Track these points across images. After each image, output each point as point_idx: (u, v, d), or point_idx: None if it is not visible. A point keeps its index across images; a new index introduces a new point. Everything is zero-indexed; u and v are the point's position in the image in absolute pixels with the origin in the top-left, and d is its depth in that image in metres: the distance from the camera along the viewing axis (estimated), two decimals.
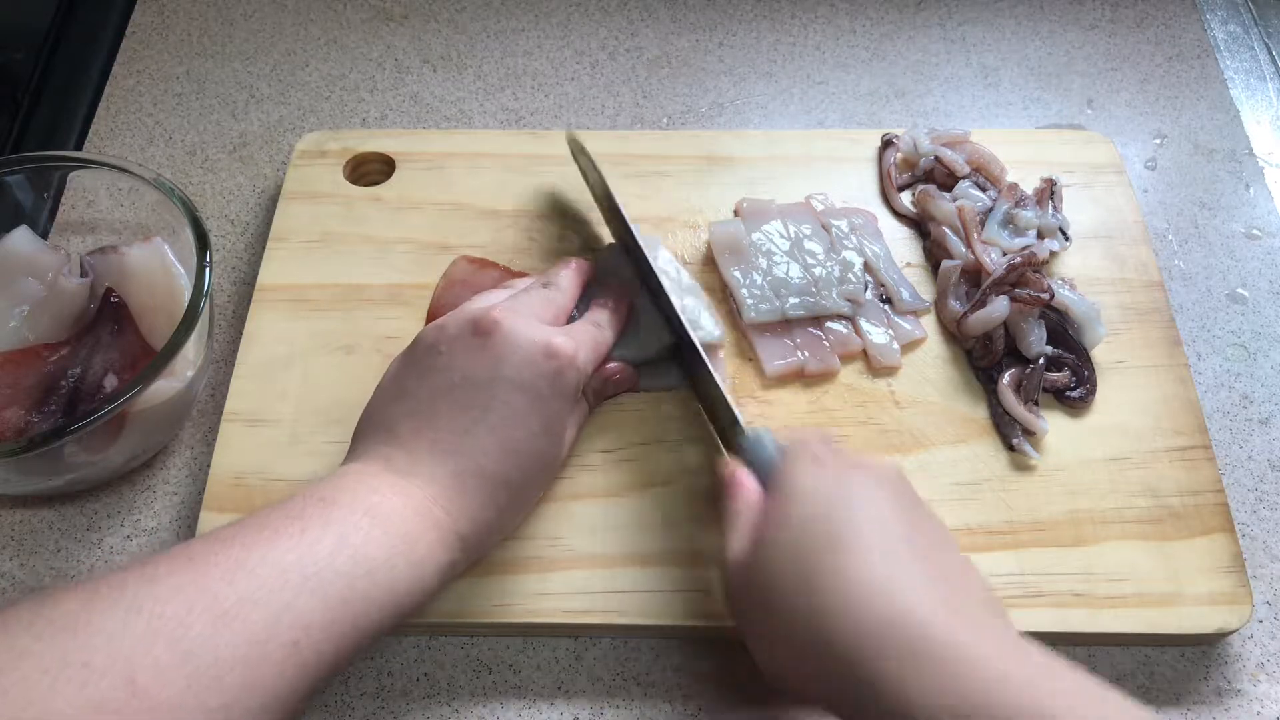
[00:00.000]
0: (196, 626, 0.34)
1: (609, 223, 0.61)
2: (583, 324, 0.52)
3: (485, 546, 0.47)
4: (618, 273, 0.57)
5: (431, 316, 0.60)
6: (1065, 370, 0.57)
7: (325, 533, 0.40)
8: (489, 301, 0.50)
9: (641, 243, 0.55)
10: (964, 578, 0.41)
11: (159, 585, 0.35)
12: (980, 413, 0.57)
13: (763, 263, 0.60)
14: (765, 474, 0.46)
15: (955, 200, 0.62)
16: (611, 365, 0.54)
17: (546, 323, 0.50)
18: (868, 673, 0.36)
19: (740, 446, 0.48)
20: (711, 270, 0.61)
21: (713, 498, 0.48)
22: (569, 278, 0.54)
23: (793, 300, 0.59)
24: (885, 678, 0.36)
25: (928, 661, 0.36)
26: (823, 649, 0.38)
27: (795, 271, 0.60)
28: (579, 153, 0.61)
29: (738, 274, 0.60)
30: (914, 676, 0.35)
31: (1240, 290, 0.65)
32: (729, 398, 0.50)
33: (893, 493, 0.43)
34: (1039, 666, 0.36)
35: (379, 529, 0.41)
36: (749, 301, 0.59)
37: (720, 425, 0.52)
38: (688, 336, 0.52)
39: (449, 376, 0.47)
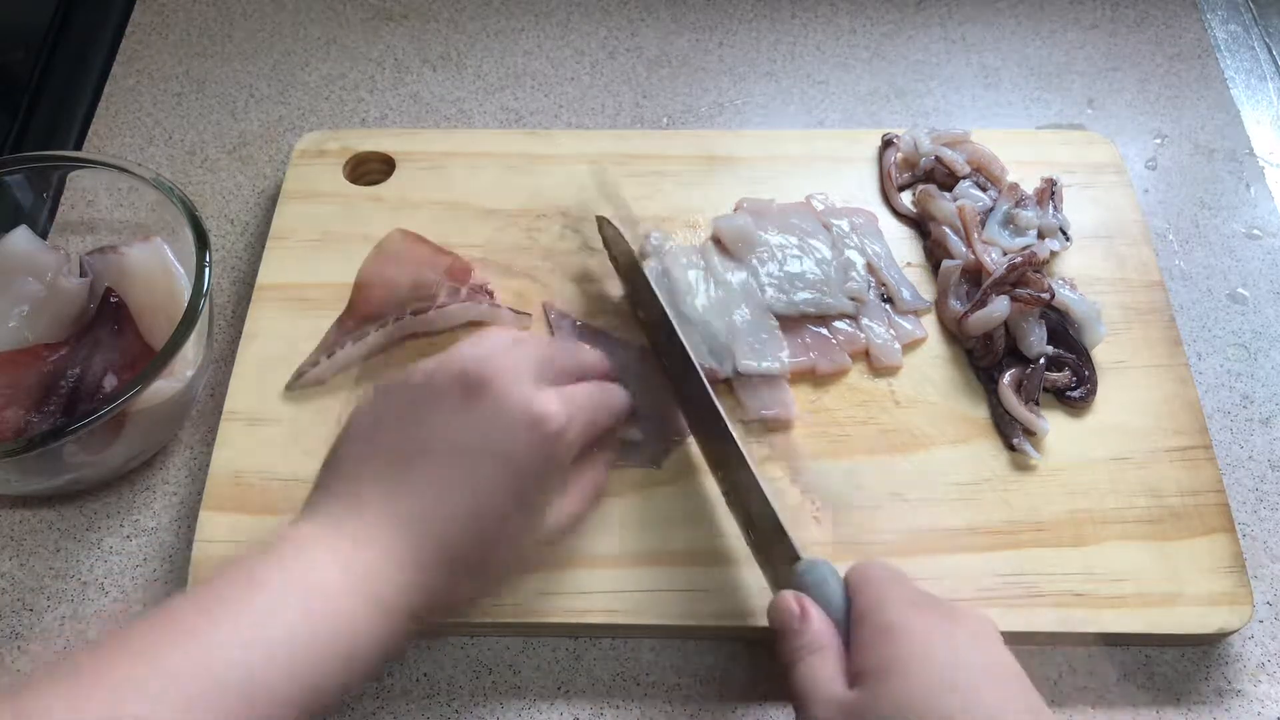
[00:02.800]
0: None
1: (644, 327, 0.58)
2: (585, 386, 0.48)
3: (446, 613, 0.44)
4: (633, 372, 0.54)
5: (358, 287, 0.59)
6: (1066, 370, 0.57)
7: (239, 624, 0.37)
8: (487, 348, 0.46)
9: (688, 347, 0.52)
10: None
11: (38, 699, 0.33)
12: (981, 412, 0.57)
13: (778, 254, 0.60)
14: (830, 608, 0.42)
15: (956, 200, 0.62)
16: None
17: (545, 381, 0.46)
18: None
19: (799, 579, 0.44)
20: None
21: (769, 635, 0.44)
22: (578, 348, 0.51)
23: (803, 295, 0.59)
24: None
25: None
26: None
27: (809, 265, 0.60)
28: (612, 241, 0.59)
29: (754, 262, 0.60)
30: None
31: (1241, 290, 0.65)
32: (784, 522, 0.45)
33: (996, 644, 0.41)
34: None
35: (308, 617, 0.38)
36: (770, 290, 0.58)
37: (767, 549, 0.47)
38: (733, 440, 0.48)
39: (428, 433, 0.43)
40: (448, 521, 0.42)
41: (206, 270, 0.53)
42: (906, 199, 0.65)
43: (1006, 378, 0.57)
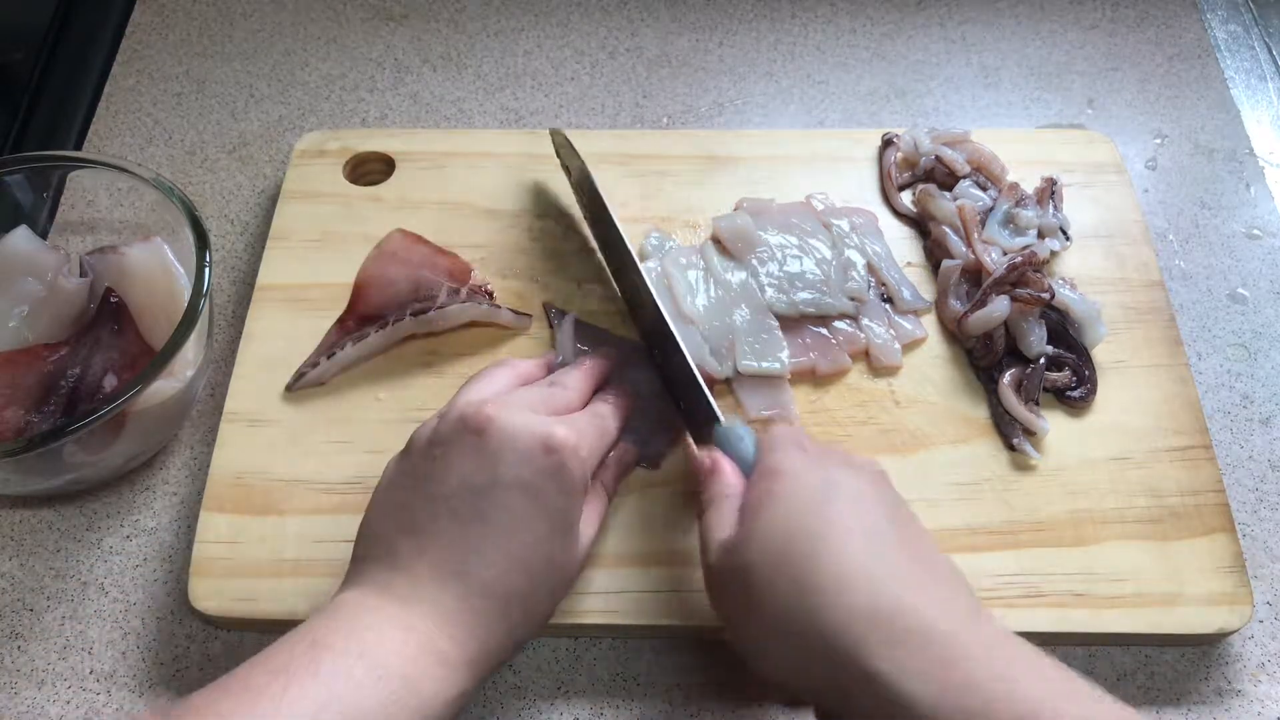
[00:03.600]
0: None
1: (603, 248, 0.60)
2: (584, 413, 0.48)
3: (500, 663, 0.44)
4: (631, 373, 0.55)
5: (358, 287, 0.59)
6: (1066, 370, 0.57)
7: (311, 686, 0.37)
8: (481, 393, 0.47)
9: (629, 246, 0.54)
10: (947, 570, 0.41)
11: None
12: (981, 412, 0.57)
13: (778, 254, 0.60)
14: (745, 465, 0.45)
15: (956, 200, 0.62)
16: (618, 449, 0.51)
17: (546, 411, 0.46)
18: (858, 660, 0.36)
19: (718, 438, 0.47)
20: None
21: (690, 488, 0.47)
22: (578, 379, 0.50)
23: (803, 295, 0.59)
24: (878, 666, 0.36)
25: (925, 652, 0.36)
26: (811, 636, 0.38)
27: (809, 265, 0.60)
28: (564, 151, 0.61)
29: (754, 262, 0.60)
30: (912, 667, 0.36)
31: (1241, 290, 0.65)
32: (706, 391, 0.49)
33: (875, 486, 0.43)
34: (1028, 656, 0.37)
35: (374, 675, 0.38)
36: (770, 290, 0.59)
37: (696, 419, 0.51)
38: (663, 322, 0.51)
39: (445, 484, 0.43)
40: (487, 565, 0.42)
41: (206, 270, 0.53)
42: (906, 199, 0.65)
43: (1006, 378, 0.57)
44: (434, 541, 0.42)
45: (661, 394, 0.55)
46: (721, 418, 0.48)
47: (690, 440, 0.53)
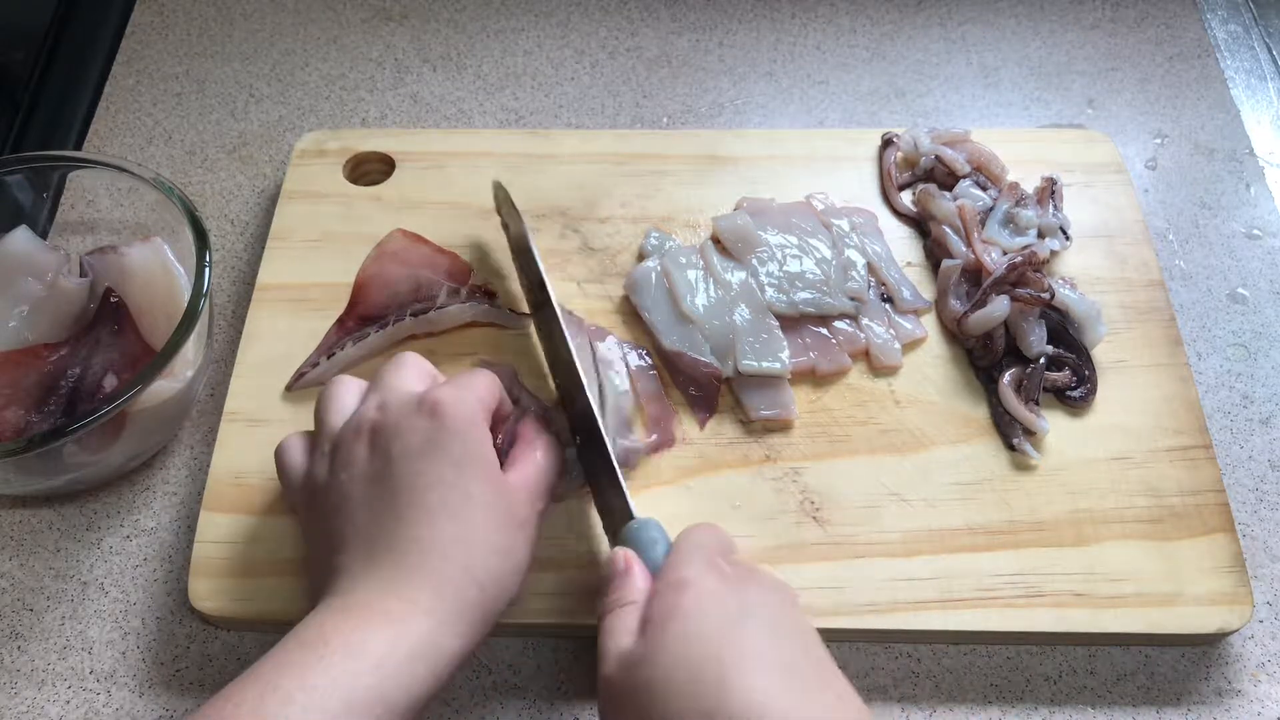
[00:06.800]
0: None
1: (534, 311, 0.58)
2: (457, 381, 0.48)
3: (476, 606, 0.43)
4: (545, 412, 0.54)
5: (358, 287, 0.59)
6: (1066, 370, 0.57)
7: (246, 691, 0.38)
8: (345, 409, 0.48)
9: (565, 324, 0.52)
10: (845, 689, 0.39)
11: None
12: (981, 412, 0.57)
13: (778, 254, 0.60)
14: (654, 568, 0.43)
15: (956, 199, 0.62)
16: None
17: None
18: None
19: (629, 536, 0.45)
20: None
21: (595, 589, 0.45)
22: (415, 358, 0.50)
23: (804, 295, 0.59)
24: None
25: None
26: None
27: (809, 265, 0.60)
28: (503, 203, 0.60)
29: (754, 262, 0.60)
30: None
31: (1241, 290, 0.65)
32: (625, 487, 0.47)
33: (789, 613, 0.41)
34: None
35: (314, 656, 0.39)
36: (769, 290, 0.59)
37: (610, 513, 0.48)
38: (588, 406, 0.49)
39: (352, 492, 0.44)
40: (404, 523, 0.42)
41: (206, 270, 0.53)
42: (906, 198, 0.65)
43: (1006, 377, 0.57)
44: (357, 537, 0.43)
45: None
46: (635, 516, 0.46)
47: (605, 536, 0.50)
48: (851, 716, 0.38)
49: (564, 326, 0.52)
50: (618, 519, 0.47)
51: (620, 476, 0.47)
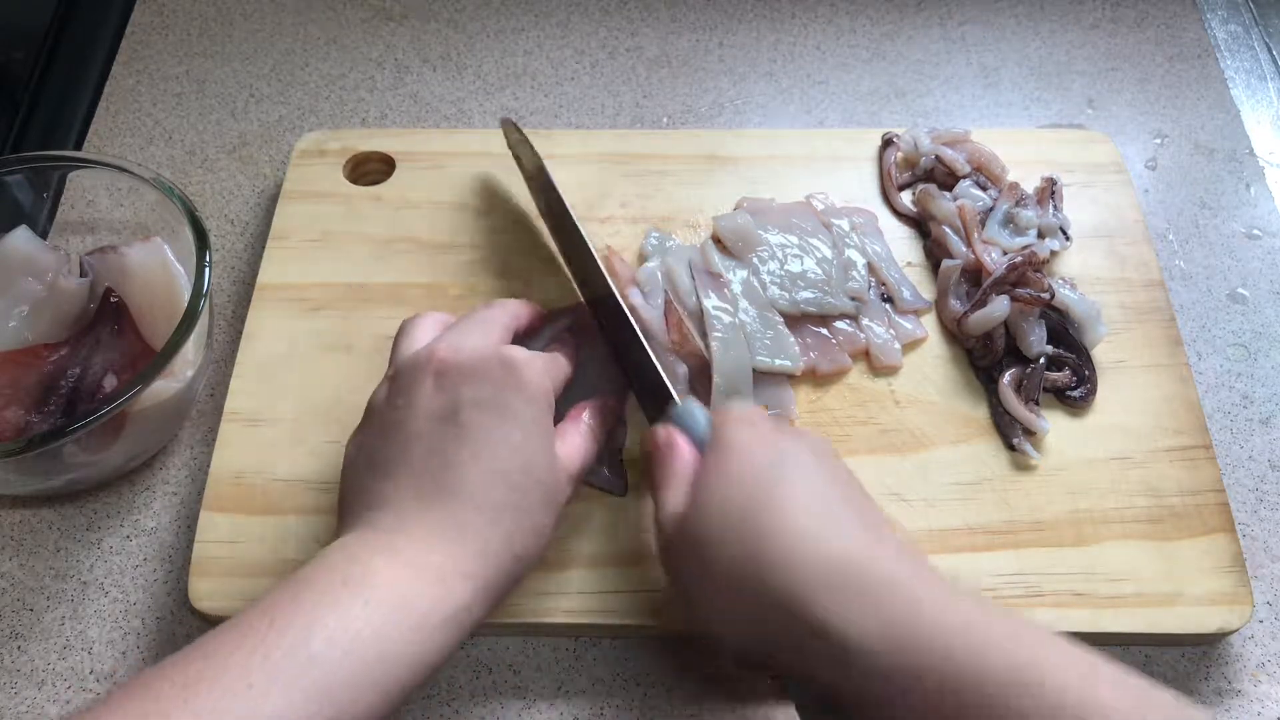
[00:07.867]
0: None
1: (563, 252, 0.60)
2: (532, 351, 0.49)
3: (507, 578, 0.43)
4: (578, 330, 0.55)
5: None
6: (1066, 370, 0.57)
7: (297, 618, 0.37)
8: (420, 341, 0.47)
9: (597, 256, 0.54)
10: (889, 528, 0.42)
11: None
12: (981, 412, 0.57)
13: (778, 254, 0.60)
14: (699, 441, 0.46)
15: (956, 199, 0.62)
16: (596, 397, 0.51)
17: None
18: (808, 611, 0.38)
19: (675, 417, 0.47)
20: None
21: (645, 464, 0.48)
22: (512, 303, 0.51)
23: (805, 294, 0.59)
24: (826, 615, 0.37)
25: (867, 595, 0.38)
26: (762, 594, 0.39)
27: (810, 265, 0.60)
28: (517, 144, 0.61)
29: (754, 261, 0.60)
30: (855, 611, 0.37)
31: (1241, 290, 0.65)
32: (661, 371, 0.49)
33: (821, 456, 0.44)
34: (971, 601, 0.39)
35: (360, 599, 0.38)
36: (771, 289, 0.59)
37: (651, 400, 0.50)
38: (614, 299, 0.51)
39: (412, 424, 0.44)
40: (467, 481, 0.42)
41: (206, 270, 0.53)
42: (906, 198, 0.65)
43: (1006, 377, 0.57)
44: (409, 472, 0.43)
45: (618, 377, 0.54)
46: (677, 398, 0.48)
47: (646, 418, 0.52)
48: (890, 552, 0.40)
49: (585, 235, 0.54)
50: (658, 402, 0.49)
51: (655, 361, 0.49)
